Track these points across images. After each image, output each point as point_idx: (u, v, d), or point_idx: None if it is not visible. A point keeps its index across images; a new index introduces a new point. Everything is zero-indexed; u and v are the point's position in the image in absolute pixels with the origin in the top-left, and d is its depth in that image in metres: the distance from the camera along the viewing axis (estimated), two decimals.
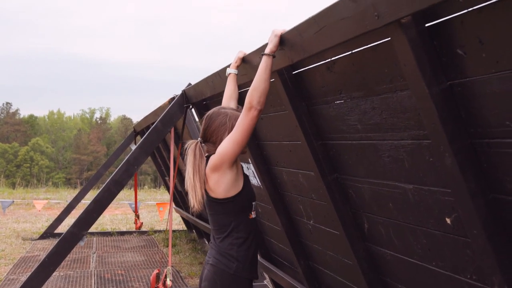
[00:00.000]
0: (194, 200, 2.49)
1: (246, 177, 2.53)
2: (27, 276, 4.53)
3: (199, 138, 2.56)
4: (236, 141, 2.32)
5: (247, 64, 2.78)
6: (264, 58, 2.30)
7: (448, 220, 1.86)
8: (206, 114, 2.56)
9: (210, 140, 2.51)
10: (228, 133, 2.43)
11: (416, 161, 1.91)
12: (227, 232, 2.46)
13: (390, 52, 1.78)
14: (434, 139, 1.65)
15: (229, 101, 2.77)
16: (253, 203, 2.53)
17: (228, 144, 2.34)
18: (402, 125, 1.90)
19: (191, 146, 2.53)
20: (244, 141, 2.32)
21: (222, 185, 2.41)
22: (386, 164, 2.11)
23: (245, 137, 2.31)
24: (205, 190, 2.49)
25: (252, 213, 2.51)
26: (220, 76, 3.34)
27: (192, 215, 7.90)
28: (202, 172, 2.48)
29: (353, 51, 2.02)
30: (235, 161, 2.41)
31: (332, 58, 2.19)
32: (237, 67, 2.83)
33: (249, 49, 2.72)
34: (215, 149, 2.46)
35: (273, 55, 2.29)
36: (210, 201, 2.50)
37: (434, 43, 1.57)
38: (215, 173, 2.41)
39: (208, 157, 2.48)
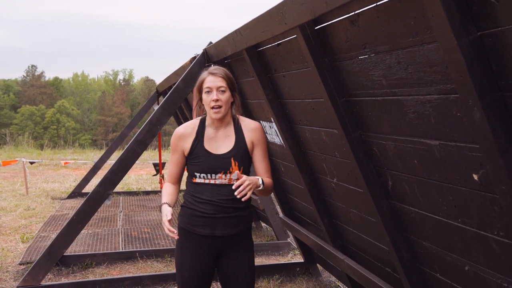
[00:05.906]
0: None
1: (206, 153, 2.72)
2: (57, 233, 4.68)
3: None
4: None
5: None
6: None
7: (475, 177, 1.82)
8: None
9: None
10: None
11: (443, 116, 1.86)
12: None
13: (417, 3, 1.70)
14: (462, 93, 1.59)
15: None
16: (197, 174, 2.76)
17: None
18: (428, 79, 1.84)
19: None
20: None
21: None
22: (411, 120, 2.06)
23: None
24: None
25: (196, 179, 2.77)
26: (241, 34, 3.29)
27: None
28: None
29: (378, 3, 1.94)
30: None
31: (356, 11, 2.11)
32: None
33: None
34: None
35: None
36: None
37: None
38: None
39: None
